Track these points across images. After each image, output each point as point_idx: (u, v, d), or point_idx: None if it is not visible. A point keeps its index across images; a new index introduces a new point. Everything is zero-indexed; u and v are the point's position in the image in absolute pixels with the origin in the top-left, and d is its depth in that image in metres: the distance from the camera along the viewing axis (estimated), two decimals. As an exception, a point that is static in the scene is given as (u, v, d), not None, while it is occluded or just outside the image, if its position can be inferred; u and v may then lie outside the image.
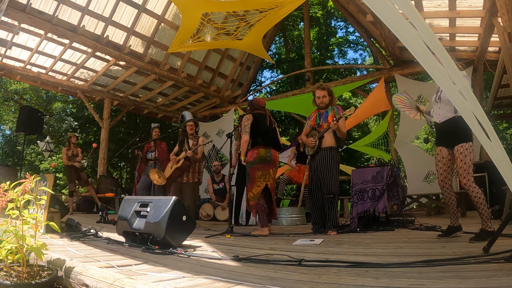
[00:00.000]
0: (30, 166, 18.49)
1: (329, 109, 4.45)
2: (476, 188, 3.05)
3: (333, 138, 4.32)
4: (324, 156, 4.30)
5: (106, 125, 10.01)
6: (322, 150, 4.34)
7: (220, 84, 10.98)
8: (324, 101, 4.48)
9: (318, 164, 4.33)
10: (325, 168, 4.26)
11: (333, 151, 4.31)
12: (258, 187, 4.35)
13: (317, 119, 4.51)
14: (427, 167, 7.47)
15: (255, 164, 4.40)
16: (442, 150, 3.36)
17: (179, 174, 5.49)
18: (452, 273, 1.78)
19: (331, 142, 4.32)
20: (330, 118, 4.35)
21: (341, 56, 20.13)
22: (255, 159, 4.40)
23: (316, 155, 4.39)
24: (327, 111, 4.45)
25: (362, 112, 9.31)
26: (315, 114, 4.57)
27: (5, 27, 7.23)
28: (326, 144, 4.33)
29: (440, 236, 3.31)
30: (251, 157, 4.42)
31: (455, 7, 6.22)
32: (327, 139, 4.33)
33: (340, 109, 4.43)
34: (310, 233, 4.31)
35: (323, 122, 4.41)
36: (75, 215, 6.40)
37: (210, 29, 7.23)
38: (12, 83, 16.24)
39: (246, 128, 4.47)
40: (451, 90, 1.19)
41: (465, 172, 3.08)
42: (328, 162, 4.26)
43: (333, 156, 4.29)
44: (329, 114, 4.39)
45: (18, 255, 1.86)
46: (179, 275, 1.86)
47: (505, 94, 7.89)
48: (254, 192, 4.36)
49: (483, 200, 3.02)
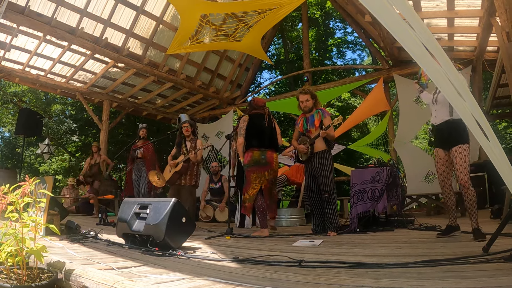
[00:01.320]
0: (29, 169, 18.46)
1: (314, 112, 4.49)
2: (473, 190, 3.12)
3: (323, 142, 4.40)
4: (318, 160, 4.39)
5: (105, 127, 10.01)
6: (315, 155, 4.42)
7: (219, 86, 10.98)
8: (307, 105, 4.52)
9: (313, 168, 4.42)
10: (321, 171, 4.36)
11: (326, 154, 4.42)
12: (253, 189, 4.42)
13: (304, 124, 4.55)
14: (427, 167, 7.47)
15: (249, 167, 4.46)
16: (439, 152, 3.43)
17: (177, 177, 5.47)
18: (452, 273, 1.79)
19: (322, 146, 4.41)
20: (316, 122, 4.40)
21: (340, 56, 20.14)
22: (249, 162, 4.46)
23: (310, 160, 4.46)
24: (313, 115, 4.49)
25: (361, 112, 9.33)
26: (302, 119, 4.61)
27: (3, 29, 7.24)
28: (318, 149, 4.42)
29: (439, 235, 3.33)
30: (246, 159, 4.49)
31: (453, 7, 6.24)
32: (318, 144, 4.41)
33: (325, 111, 4.47)
34: (309, 234, 4.32)
35: (311, 127, 4.47)
36: (74, 218, 6.39)
37: (209, 30, 7.24)
38: (11, 85, 16.22)
39: (241, 130, 4.53)
40: (449, 90, 1.19)
41: (465, 170, 3.14)
42: (323, 165, 4.37)
43: (326, 158, 4.39)
44: (315, 118, 4.44)
45: (18, 258, 1.85)
46: (179, 277, 1.86)
47: (503, 94, 7.89)
48: (250, 194, 4.43)
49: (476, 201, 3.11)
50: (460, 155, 3.15)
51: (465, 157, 3.15)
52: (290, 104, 9.87)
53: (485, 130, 1.19)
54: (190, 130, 5.64)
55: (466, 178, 3.11)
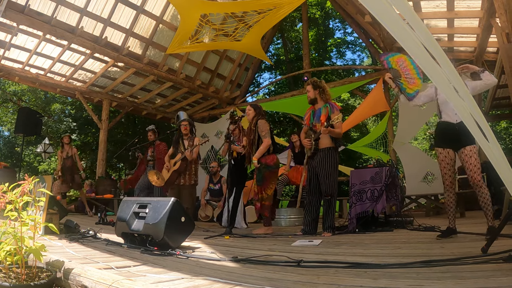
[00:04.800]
0: (28, 168, 18.45)
1: (323, 106, 4.30)
2: (486, 189, 3.14)
3: (330, 138, 4.22)
4: (322, 157, 4.22)
5: (104, 126, 10.00)
6: (320, 151, 4.25)
7: (219, 85, 10.98)
8: (309, 96, 4.43)
9: (317, 165, 4.26)
10: (323, 169, 4.19)
11: (332, 151, 4.21)
12: (271, 189, 4.65)
13: (311, 118, 4.42)
14: (426, 168, 7.48)
15: (275, 168, 4.71)
16: (450, 153, 3.36)
17: (176, 176, 5.47)
18: (451, 273, 1.79)
19: (328, 142, 4.22)
20: (323, 117, 4.20)
21: (339, 57, 20.17)
22: (275, 163, 4.70)
23: (314, 156, 4.31)
24: (320, 109, 4.31)
25: (360, 112, 9.33)
26: (309, 112, 4.48)
27: (3, 28, 7.23)
28: (323, 145, 4.24)
29: (439, 237, 3.31)
30: (272, 161, 4.67)
31: (453, 8, 6.25)
32: (323, 140, 4.23)
33: (334, 106, 4.29)
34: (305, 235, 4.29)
35: (316, 121, 4.30)
36: (73, 217, 6.39)
37: (209, 30, 7.23)
38: (10, 84, 16.22)
39: (269, 132, 4.71)
40: (448, 91, 1.19)
41: (479, 170, 3.16)
42: (326, 163, 4.18)
43: (331, 156, 4.19)
44: (322, 112, 4.25)
45: (17, 257, 1.85)
46: (178, 276, 1.86)
47: (503, 95, 7.91)
48: (269, 193, 4.64)
49: (490, 199, 3.13)
50: (474, 155, 3.17)
51: (478, 158, 3.18)
52: (290, 104, 9.88)
53: (485, 131, 1.19)
54: (188, 129, 5.61)
55: (479, 177, 3.14)
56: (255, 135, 4.77)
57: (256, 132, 4.76)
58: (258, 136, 4.72)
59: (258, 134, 4.72)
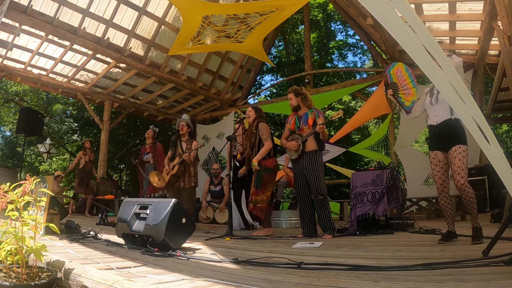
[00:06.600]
0: (30, 168, 18.48)
1: (308, 111, 4.42)
2: (471, 189, 3.05)
3: (315, 142, 4.35)
4: (309, 160, 4.32)
5: (106, 127, 10.02)
6: (306, 154, 4.34)
7: (220, 87, 10.99)
8: (292, 103, 4.52)
9: (304, 168, 4.34)
10: (312, 171, 4.28)
11: (317, 154, 4.35)
12: (268, 191, 4.66)
13: (296, 122, 4.49)
14: (427, 171, 7.45)
15: (274, 171, 4.74)
16: (438, 154, 3.30)
17: (175, 180, 5.43)
18: (451, 276, 1.78)
19: (314, 145, 4.35)
20: (310, 120, 4.34)
21: (341, 59, 20.15)
22: (274, 166, 4.74)
23: (300, 159, 4.38)
24: (307, 113, 4.42)
25: (362, 115, 9.33)
26: (293, 117, 4.55)
27: (6, 28, 7.26)
28: (309, 148, 4.34)
29: (441, 241, 3.27)
30: (272, 164, 4.71)
31: (455, 11, 6.24)
32: (309, 143, 4.35)
33: (319, 111, 4.42)
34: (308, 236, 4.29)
35: (303, 125, 4.40)
36: (74, 217, 6.40)
37: (211, 31, 7.25)
38: (12, 84, 16.26)
39: (270, 136, 4.76)
40: (450, 93, 1.19)
41: (463, 172, 3.03)
42: (314, 165, 4.29)
43: (317, 159, 4.33)
44: (309, 116, 4.36)
45: (17, 256, 1.86)
46: (179, 278, 1.86)
47: (505, 98, 7.89)
48: (267, 196, 4.63)
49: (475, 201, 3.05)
50: (459, 156, 3.05)
51: (464, 159, 3.05)
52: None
53: (486, 133, 1.19)
54: (185, 130, 5.49)
55: (462, 180, 3.00)
56: (255, 138, 4.80)
57: (256, 135, 4.79)
58: (259, 139, 4.74)
59: (259, 137, 4.75)
